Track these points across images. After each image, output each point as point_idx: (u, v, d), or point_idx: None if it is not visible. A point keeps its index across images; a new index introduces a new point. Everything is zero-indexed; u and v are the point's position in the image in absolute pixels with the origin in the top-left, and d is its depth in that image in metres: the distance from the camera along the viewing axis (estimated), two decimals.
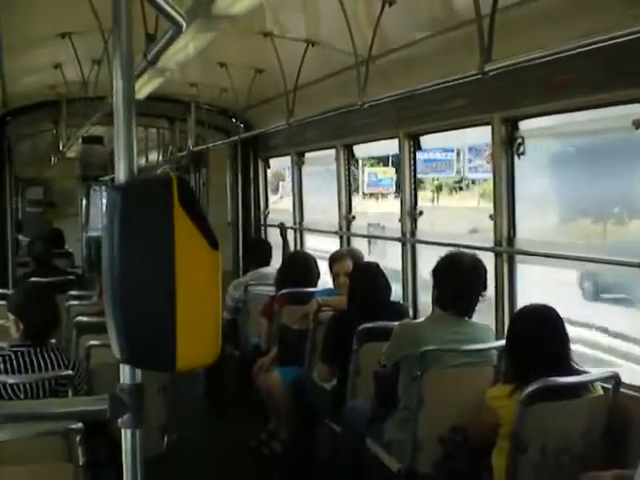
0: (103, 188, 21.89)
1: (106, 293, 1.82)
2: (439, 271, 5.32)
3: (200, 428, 7.96)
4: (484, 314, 5.59)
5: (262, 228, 11.64)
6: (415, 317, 6.96)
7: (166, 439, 5.78)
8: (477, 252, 5.58)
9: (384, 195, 20.41)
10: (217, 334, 1.86)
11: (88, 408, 2.08)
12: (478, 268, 5.22)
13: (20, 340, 5.01)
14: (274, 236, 10.57)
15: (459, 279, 5.20)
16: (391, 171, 19.72)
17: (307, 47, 7.00)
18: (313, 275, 7.91)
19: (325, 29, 6.78)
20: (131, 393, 1.91)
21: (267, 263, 9.41)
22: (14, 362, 4.86)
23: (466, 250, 5.60)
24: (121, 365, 1.91)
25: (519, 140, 5.54)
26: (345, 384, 6.03)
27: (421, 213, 7.21)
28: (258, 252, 9.71)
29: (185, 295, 1.79)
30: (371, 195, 20.84)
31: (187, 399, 7.89)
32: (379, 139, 7.96)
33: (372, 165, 21.01)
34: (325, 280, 7.89)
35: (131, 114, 1.91)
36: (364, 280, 6.39)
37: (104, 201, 20.83)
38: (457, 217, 16.26)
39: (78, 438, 3.98)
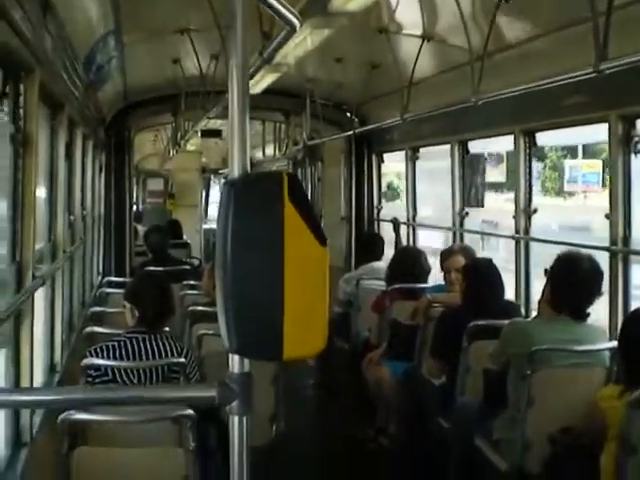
0: (222, 180, 22.16)
1: (218, 285, 1.87)
2: (555, 272, 5.16)
3: (309, 419, 8.03)
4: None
5: (375, 223, 11.66)
6: (527, 316, 6.88)
7: (274, 428, 5.85)
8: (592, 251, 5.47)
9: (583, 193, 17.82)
10: (324, 327, 1.89)
11: (197, 394, 2.13)
12: (596, 271, 5.05)
13: (135, 327, 5.12)
14: (387, 231, 10.59)
15: (576, 282, 5.02)
16: (597, 164, 17.16)
17: (422, 43, 7.00)
18: (423, 270, 7.90)
19: (440, 25, 6.76)
20: (240, 381, 1.95)
21: (379, 258, 9.44)
22: (129, 348, 4.97)
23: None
24: (230, 354, 1.96)
25: (636, 138, 5.44)
26: (454, 380, 6.01)
27: (535, 211, 7.10)
28: (370, 246, 9.75)
29: (293, 288, 1.83)
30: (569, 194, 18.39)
31: (297, 390, 7.98)
32: (494, 135, 7.90)
33: (562, 157, 18.35)
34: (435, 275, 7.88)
35: (245, 111, 1.93)
36: (479, 277, 6.33)
37: None
38: None
39: (189, 424, 4.08)
